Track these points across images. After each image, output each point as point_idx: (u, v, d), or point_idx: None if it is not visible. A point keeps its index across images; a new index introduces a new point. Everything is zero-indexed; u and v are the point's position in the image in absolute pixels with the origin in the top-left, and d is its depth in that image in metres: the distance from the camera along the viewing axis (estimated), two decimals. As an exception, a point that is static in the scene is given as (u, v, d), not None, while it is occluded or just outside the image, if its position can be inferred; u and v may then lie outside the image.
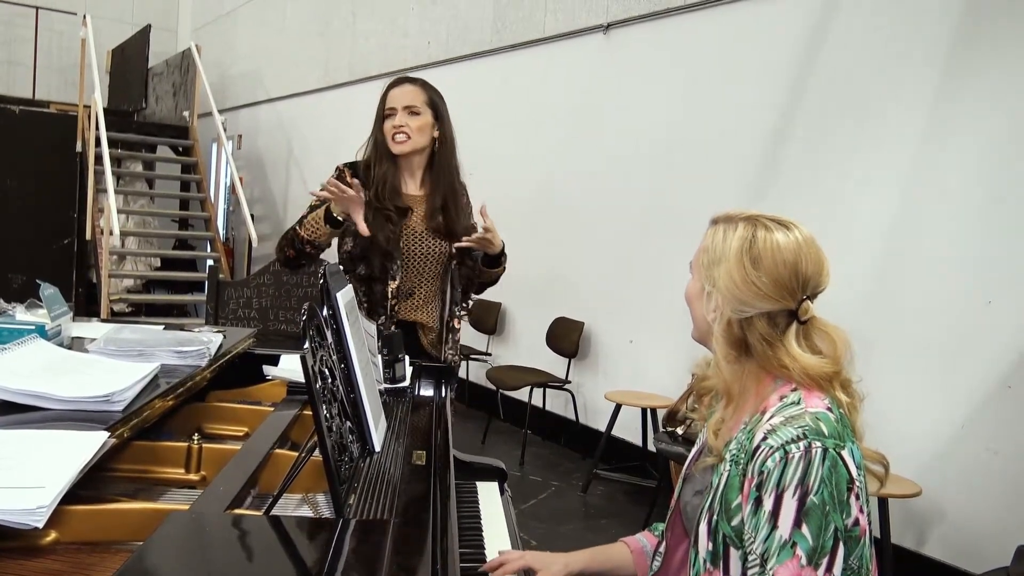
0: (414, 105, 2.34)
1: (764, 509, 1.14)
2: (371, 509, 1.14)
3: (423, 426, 1.63)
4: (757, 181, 3.89)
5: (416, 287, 2.39)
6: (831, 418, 1.17)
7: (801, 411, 1.18)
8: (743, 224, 1.27)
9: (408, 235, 2.37)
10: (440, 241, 2.39)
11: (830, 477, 1.12)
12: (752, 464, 1.17)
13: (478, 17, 5.78)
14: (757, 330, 1.24)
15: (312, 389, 1.10)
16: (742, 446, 1.21)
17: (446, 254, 2.41)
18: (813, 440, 1.13)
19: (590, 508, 4.12)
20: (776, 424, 1.17)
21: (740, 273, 1.23)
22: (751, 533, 1.15)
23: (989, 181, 3.06)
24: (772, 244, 1.23)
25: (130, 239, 7.87)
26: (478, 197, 2.40)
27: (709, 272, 1.27)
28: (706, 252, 1.29)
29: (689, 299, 1.35)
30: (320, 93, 7.91)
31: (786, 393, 1.22)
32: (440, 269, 2.42)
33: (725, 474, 1.22)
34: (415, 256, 2.38)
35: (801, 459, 1.12)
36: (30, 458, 1.05)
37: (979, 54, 3.11)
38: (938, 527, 3.17)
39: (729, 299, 1.24)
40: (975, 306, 3.07)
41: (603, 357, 4.82)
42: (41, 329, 1.63)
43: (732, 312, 1.24)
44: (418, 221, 2.39)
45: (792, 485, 1.12)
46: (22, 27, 10.40)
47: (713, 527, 1.22)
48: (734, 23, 4.05)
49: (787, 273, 1.22)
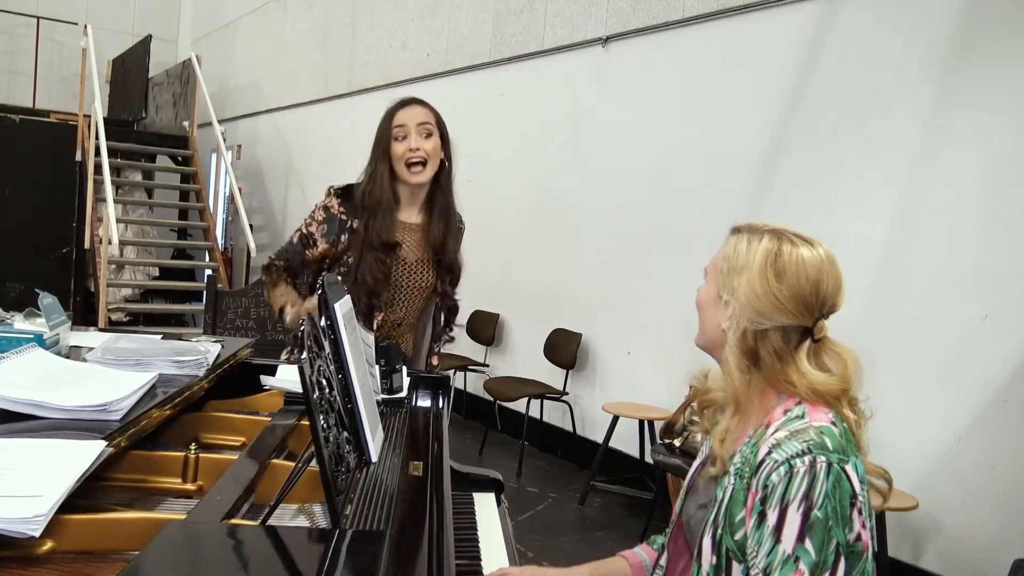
0: (427, 123, 2.21)
1: (768, 523, 1.14)
2: (368, 520, 1.14)
3: (420, 437, 1.63)
4: (754, 194, 3.91)
5: (403, 317, 2.31)
6: (835, 432, 1.17)
7: (806, 425, 1.18)
8: (768, 236, 1.26)
9: (399, 266, 2.26)
10: (430, 272, 2.30)
11: (834, 492, 1.12)
12: (756, 478, 1.17)
13: (477, 29, 5.81)
14: (771, 343, 1.23)
15: (309, 399, 1.10)
16: (746, 459, 1.21)
17: (432, 286, 2.32)
18: (818, 455, 1.13)
19: (587, 520, 4.11)
20: (781, 438, 1.17)
21: (763, 285, 1.23)
22: (754, 547, 1.15)
23: (985, 195, 3.08)
24: (797, 259, 1.23)
25: (129, 248, 7.87)
26: (476, 209, 2.38)
27: (728, 280, 1.26)
28: (727, 260, 1.28)
29: (701, 305, 1.34)
30: (319, 104, 7.94)
31: (790, 407, 1.22)
32: (425, 299, 2.34)
33: (730, 488, 1.22)
34: (403, 287, 2.28)
35: (806, 474, 1.12)
36: (27, 467, 1.05)
37: (975, 68, 3.13)
38: (935, 540, 3.17)
39: (747, 309, 1.24)
40: (972, 320, 3.07)
41: (601, 369, 4.82)
42: (39, 338, 1.63)
43: (748, 323, 1.24)
44: (410, 251, 2.27)
45: (796, 499, 1.12)
46: (23, 37, 10.44)
47: (717, 541, 1.22)
48: (732, 36, 4.08)
49: (809, 289, 1.22)
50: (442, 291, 2.34)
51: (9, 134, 7.90)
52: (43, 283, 2.27)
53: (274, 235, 8.75)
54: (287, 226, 8.43)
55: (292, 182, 8.50)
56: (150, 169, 8.92)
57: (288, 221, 8.42)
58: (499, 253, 5.35)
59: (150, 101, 9.53)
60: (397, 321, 2.30)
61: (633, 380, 4.56)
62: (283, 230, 8.53)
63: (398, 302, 2.28)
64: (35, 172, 7.91)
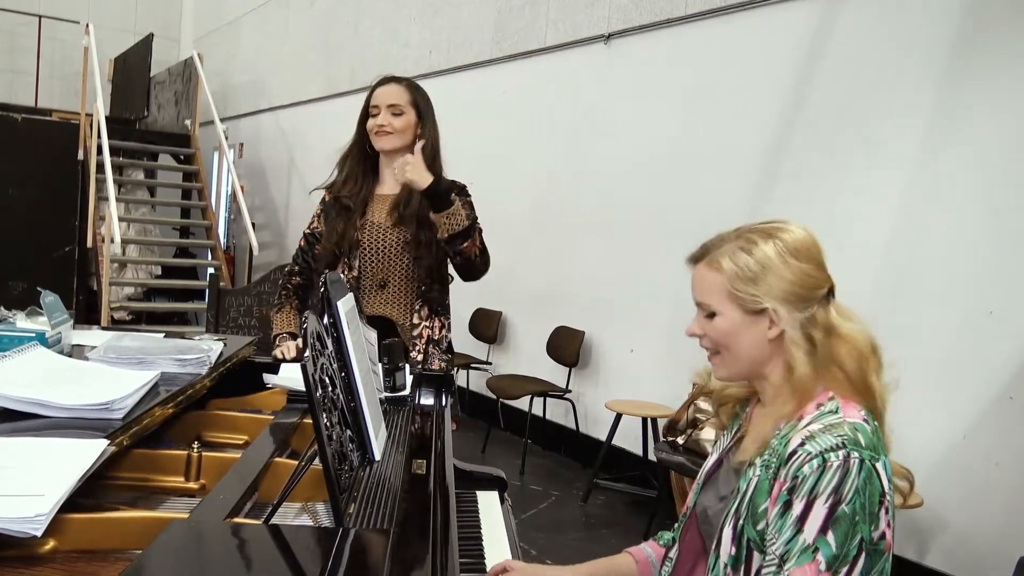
0: (397, 104, 2.31)
1: (792, 513, 1.14)
2: (371, 518, 1.13)
3: (423, 435, 1.63)
4: (756, 191, 3.90)
5: (388, 279, 2.33)
6: (868, 430, 1.18)
7: (840, 420, 1.18)
8: (756, 235, 1.25)
9: (371, 229, 2.33)
10: (401, 233, 2.31)
11: (864, 489, 1.12)
12: (786, 468, 1.16)
13: (479, 27, 5.80)
14: (819, 323, 1.23)
15: (312, 397, 1.10)
16: (774, 451, 1.21)
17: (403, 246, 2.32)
18: (852, 450, 1.13)
19: (590, 518, 4.11)
20: (814, 431, 1.17)
21: (792, 272, 1.22)
22: (774, 534, 1.15)
23: (989, 192, 3.07)
24: (796, 236, 1.25)
25: (131, 247, 7.88)
26: (478, 207, 2.36)
27: (754, 290, 1.23)
28: (738, 278, 1.23)
29: (729, 334, 1.26)
30: (322, 102, 7.93)
31: (823, 401, 1.23)
32: (411, 264, 2.34)
33: (755, 479, 1.22)
34: (377, 248, 2.32)
35: (839, 468, 1.12)
36: (29, 466, 1.04)
37: (978, 66, 3.11)
38: (940, 538, 3.16)
39: (794, 301, 1.22)
40: (977, 317, 3.06)
41: (604, 366, 4.81)
42: (41, 337, 1.63)
43: (800, 312, 1.23)
44: (379, 215, 2.34)
45: (826, 493, 1.12)
46: (25, 36, 10.45)
47: (738, 531, 1.22)
48: (734, 34, 4.07)
49: (818, 253, 1.26)
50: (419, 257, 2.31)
51: (11, 133, 7.91)
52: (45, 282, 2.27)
53: (276, 233, 8.75)
54: (289, 224, 8.43)
55: (294, 180, 8.50)
56: (152, 168, 8.93)
57: (290, 219, 8.42)
58: (501, 250, 5.28)
59: (152, 100, 9.53)
60: (382, 281, 2.33)
61: (636, 378, 4.56)
62: (285, 228, 8.53)
63: (374, 262, 2.33)
64: (37, 171, 7.92)
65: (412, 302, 2.36)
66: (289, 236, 8.25)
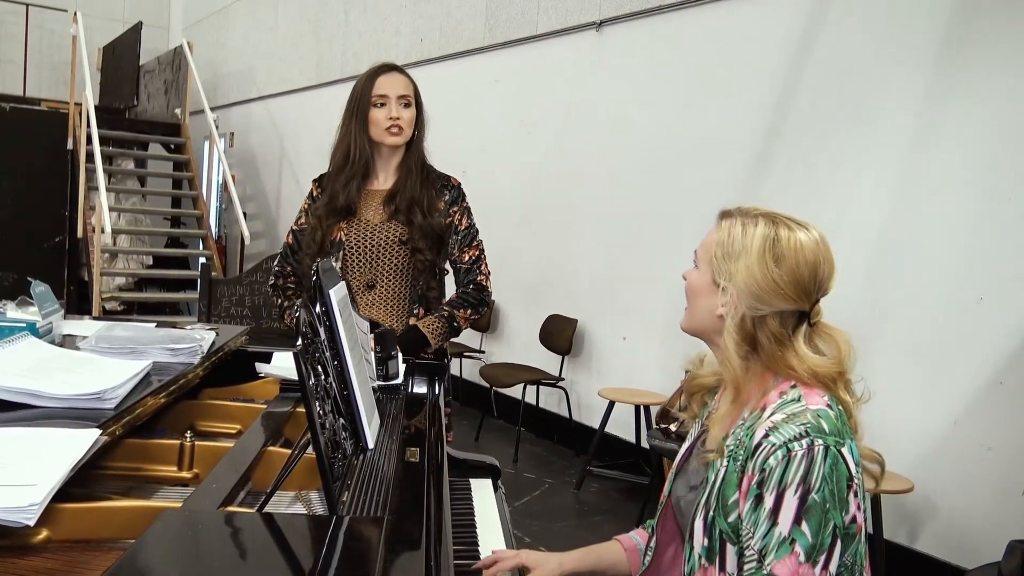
0: (407, 95, 2.21)
1: (764, 506, 1.14)
2: (365, 506, 1.13)
3: (416, 423, 1.63)
4: (749, 179, 3.90)
5: (376, 279, 2.22)
6: (831, 415, 1.18)
7: (802, 408, 1.18)
8: (764, 220, 1.25)
9: (357, 227, 2.22)
10: (392, 231, 2.21)
11: (831, 475, 1.12)
12: (752, 461, 1.17)
13: (471, 14, 5.77)
14: (769, 328, 1.23)
15: (305, 386, 1.10)
16: (740, 442, 1.21)
17: (394, 244, 2.22)
18: (815, 438, 1.14)
19: (584, 505, 4.12)
20: (777, 421, 1.17)
21: (762, 270, 1.22)
22: (750, 529, 1.15)
23: (979, 179, 3.08)
24: (796, 244, 1.23)
25: (122, 237, 7.84)
26: (470, 195, 2.32)
27: (725, 266, 1.25)
28: (722, 245, 1.26)
29: (693, 290, 1.32)
30: (312, 91, 7.89)
31: (785, 390, 1.22)
32: (403, 262, 2.23)
33: (722, 470, 1.22)
34: (364, 247, 2.21)
35: (804, 457, 1.13)
36: (22, 456, 1.04)
37: (968, 55, 3.12)
38: (931, 523, 3.19)
39: (746, 295, 1.23)
40: (967, 303, 3.08)
41: (596, 354, 4.82)
42: (32, 327, 1.62)
43: (747, 308, 1.23)
44: (372, 213, 2.24)
45: (794, 483, 1.12)
46: (12, 24, 10.34)
47: (709, 523, 1.22)
48: (727, 21, 4.06)
49: (808, 274, 1.22)
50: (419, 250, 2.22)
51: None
52: (36, 272, 2.25)
53: (268, 223, 8.72)
54: (281, 213, 8.40)
55: (285, 169, 8.47)
56: (142, 157, 8.86)
57: (282, 208, 8.39)
58: (494, 239, 5.27)
59: (141, 89, 9.45)
60: (371, 282, 2.22)
61: (629, 366, 4.57)
62: (277, 217, 8.50)
63: (363, 262, 2.22)
64: (26, 161, 7.86)
65: (405, 304, 2.25)
66: (280, 225, 8.22)
